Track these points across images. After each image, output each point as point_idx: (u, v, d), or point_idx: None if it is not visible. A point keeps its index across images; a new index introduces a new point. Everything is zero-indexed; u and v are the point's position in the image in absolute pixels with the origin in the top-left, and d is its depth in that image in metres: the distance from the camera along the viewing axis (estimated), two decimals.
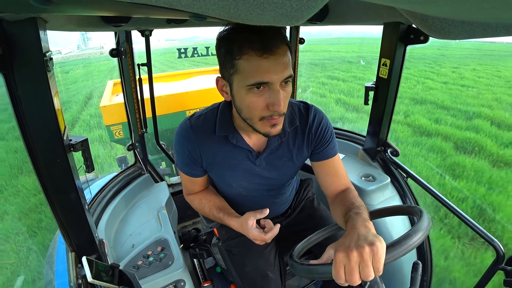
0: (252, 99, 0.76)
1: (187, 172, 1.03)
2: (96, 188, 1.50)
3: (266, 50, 0.70)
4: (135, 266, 1.10)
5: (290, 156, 1.00)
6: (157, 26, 1.21)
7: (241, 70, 0.74)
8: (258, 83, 0.73)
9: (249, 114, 0.81)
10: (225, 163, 0.98)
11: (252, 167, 0.99)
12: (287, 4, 0.35)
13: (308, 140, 0.99)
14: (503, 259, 1.05)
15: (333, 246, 0.71)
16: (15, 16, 0.59)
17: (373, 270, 0.61)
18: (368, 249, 0.61)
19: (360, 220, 0.72)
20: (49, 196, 0.78)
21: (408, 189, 1.48)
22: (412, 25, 1.22)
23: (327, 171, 1.01)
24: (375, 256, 0.61)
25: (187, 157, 0.97)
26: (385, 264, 0.62)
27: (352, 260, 0.61)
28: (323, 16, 1.15)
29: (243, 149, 0.96)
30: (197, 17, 0.47)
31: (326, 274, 0.66)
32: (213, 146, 0.94)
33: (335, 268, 0.63)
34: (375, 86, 1.45)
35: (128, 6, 0.51)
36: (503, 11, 0.39)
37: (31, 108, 0.69)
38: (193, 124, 0.94)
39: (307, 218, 1.24)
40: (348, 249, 0.63)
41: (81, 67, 22.90)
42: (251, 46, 0.70)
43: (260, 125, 0.82)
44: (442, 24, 0.64)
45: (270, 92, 0.75)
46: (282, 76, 0.74)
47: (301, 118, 0.98)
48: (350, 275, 0.62)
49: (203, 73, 4.72)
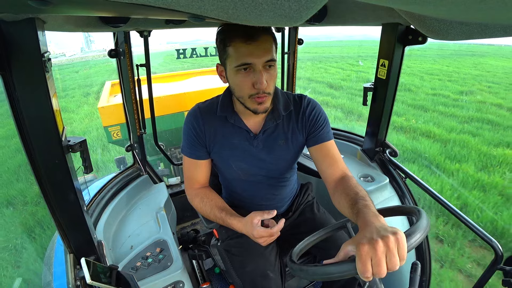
0: (240, 79, 0.92)
1: (192, 154, 1.09)
2: (95, 189, 1.50)
3: (249, 38, 0.86)
4: (134, 267, 1.10)
5: (285, 139, 1.09)
6: (155, 26, 1.21)
7: (231, 54, 0.90)
8: (243, 64, 0.88)
9: (240, 92, 0.95)
10: (225, 142, 1.07)
11: (250, 148, 1.08)
12: (285, 5, 0.35)
13: (302, 124, 1.08)
14: (502, 259, 1.06)
15: (350, 242, 0.69)
16: (13, 17, 0.59)
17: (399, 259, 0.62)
18: (393, 238, 0.62)
19: (371, 214, 0.74)
20: (47, 197, 0.78)
21: (406, 190, 1.49)
22: (410, 26, 1.22)
23: (324, 154, 1.06)
24: (400, 245, 0.62)
25: (193, 135, 1.06)
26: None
27: (379, 251, 0.60)
28: (321, 17, 1.16)
29: (242, 130, 1.06)
30: (196, 17, 0.47)
31: (349, 272, 0.64)
32: (215, 124, 1.06)
33: (361, 261, 0.61)
34: (374, 86, 1.46)
35: (127, 6, 0.51)
36: (500, 12, 0.39)
37: (29, 109, 0.68)
38: (200, 106, 1.09)
39: (306, 221, 1.25)
40: (373, 240, 0.62)
41: (88, 67, 25.35)
42: (238, 35, 0.87)
43: (250, 103, 0.95)
44: (440, 25, 0.64)
45: (254, 73, 0.89)
46: (264, 59, 0.88)
47: (295, 105, 1.10)
48: (378, 267, 0.60)
49: (202, 74, 4.72)
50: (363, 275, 0.61)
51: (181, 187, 2.04)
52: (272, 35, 0.91)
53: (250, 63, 0.88)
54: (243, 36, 0.86)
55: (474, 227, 1.10)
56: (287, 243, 1.25)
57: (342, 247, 0.71)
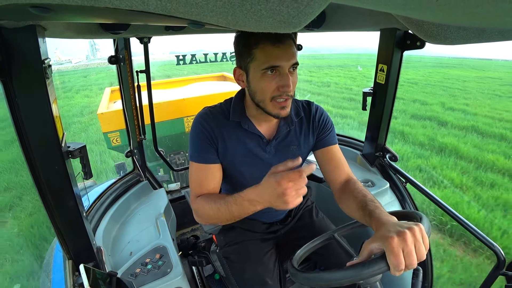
0: (265, 82, 0.90)
1: (203, 158, 1.00)
2: (94, 195, 1.49)
3: (278, 40, 0.86)
4: (133, 274, 1.08)
5: (298, 144, 1.08)
6: (155, 33, 1.22)
7: (257, 57, 0.88)
8: (271, 67, 0.87)
9: (262, 95, 0.92)
10: (238, 148, 1.03)
11: (262, 154, 1.05)
12: (284, 11, 0.35)
13: (313, 128, 1.10)
14: (504, 265, 1.05)
15: (373, 240, 0.69)
16: (14, 24, 0.59)
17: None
18: (417, 228, 0.65)
19: (385, 213, 0.77)
20: (46, 203, 0.78)
21: (407, 194, 1.48)
22: (408, 31, 1.23)
23: (329, 157, 1.08)
24: (423, 234, 0.65)
25: (205, 137, 1.00)
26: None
27: (408, 241, 0.62)
28: (320, 23, 1.17)
29: (254, 135, 1.04)
30: (195, 24, 0.47)
31: (381, 269, 0.63)
32: (228, 130, 1.03)
33: (394, 254, 0.62)
34: (373, 91, 1.46)
35: (127, 13, 0.52)
36: (497, 17, 0.39)
37: (29, 115, 0.68)
38: (211, 110, 1.04)
39: (305, 226, 1.25)
40: (401, 232, 0.63)
41: (95, 73, 28.74)
42: (266, 37, 0.86)
43: (271, 106, 0.93)
44: (437, 29, 0.64)
45: (280, 76, 0.89)
46: (291, 62, 0.88)
47: (305, 111, 1.11)
48: (411, 257, 0.62)
49: (202, 80, 4.74)
50: (397, 268, 0.62)
51: (180, 193, 2.03)
52: (294, 40, 0.92)
53: (278, 65, 0.87)
54: (271, 39, 0.86)
55: (476, 232, 1.10)
56: (285, 249, 1.24)
57: (364, 247, 0.70)
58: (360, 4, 0.38)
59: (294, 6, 0.34)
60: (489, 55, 49.26)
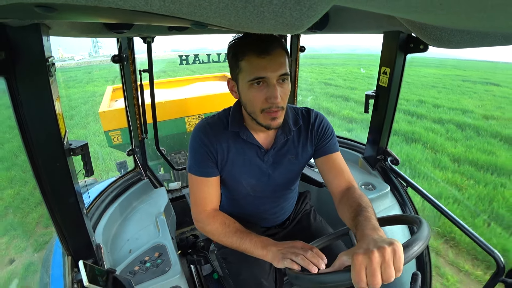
0: (253, 93, 0.89)
1: (203, 172, 1.01)
2: (95, 192, 1.50)
3: (263, 51, 0.84)
4: (132, 271, 1.09)
5: (295, 154, 1.08)
6: (158, 33, 1.22)
7: (244, 69, 0.88)
8: (257, 78, 0.86)
9: (252, 107, 0.92)
10: (237, 159, 1.04)
11: (260, 163, 1.06)
12: (287, 13, 0.35)
13: (312, 137, 1.08)
14: (503, 271, 1.04)
15: (346, 253, 0.70)
16: (19, 22, 0.60)
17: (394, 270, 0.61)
18: (389, 249, 0.62)
19: (369, 227, 0.74)
20: (47, 199, 0.78)
21: (408, 198, 1.48)
22: (411, 34, 1.23)
23: (330, 165, 1.06)
24: (396, 256, 0.62)
25: (204, 151, 1.00)
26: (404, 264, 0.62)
27: (374, 261, 0.61)
28: (323, 25, 1.17)
29: (253, 145, 1.04)
30: (198, 25, 0.47)
31: (344, 281, 0.64)
32: (227, 141, 1.02)
33: (355, 271, 0.62)
34: (375, 94, 1.46)
35: (131, 13, 0.52)
36: (501, 21, 0.39)
37: (32, 112, 0.69)
38: (209, 122, 1.04)
39: (303, 230, 1.25)
40: (369, 251, 0.62)
41: (98, 70, 30.33)
42: (251, 48, 0.85)
43: (262, 118, 0.92)
44: (441, 33, 0.64)
45: (268, 87, 0.87)
46: (278, 73, 0.86)
47: (304, 119, 1.09)
48: (373, 276, 0.61)
49: (204, 80, 4.75)
50: (357, 285, 0.61)
51: (181, 192, 2.04)
52: (285, 49, 0.89)
53: (264, 77, 0.86)
54: (256, 50, 0.84)
55: (476, 237, 1.09)
56: None
57: (338, 257, 0.72)
58: (362, 7, 0.38)
59: (296, 8, 0.34)
60: (489, 56, 48.98)
